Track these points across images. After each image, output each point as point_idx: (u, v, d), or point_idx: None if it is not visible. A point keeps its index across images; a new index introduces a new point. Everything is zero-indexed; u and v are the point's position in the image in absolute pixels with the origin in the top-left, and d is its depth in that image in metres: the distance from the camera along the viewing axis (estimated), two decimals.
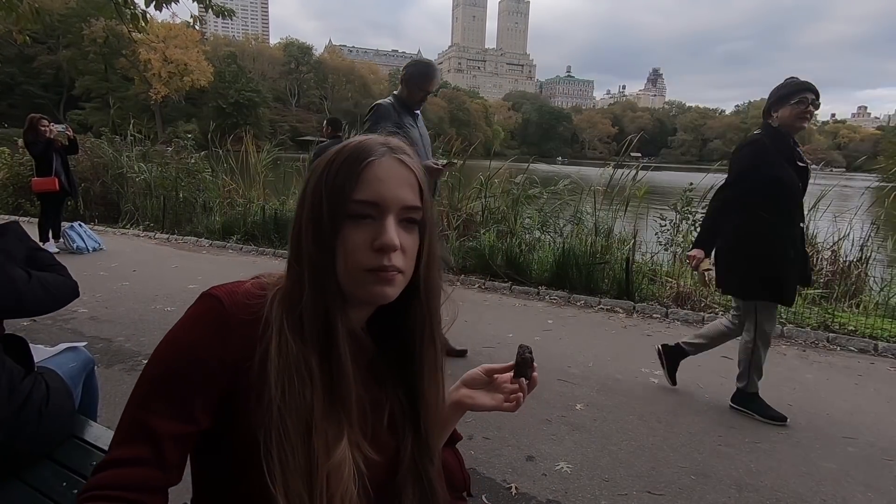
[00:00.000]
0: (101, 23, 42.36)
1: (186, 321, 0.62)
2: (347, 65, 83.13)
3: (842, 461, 2.27)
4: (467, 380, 0.82)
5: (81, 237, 5.94)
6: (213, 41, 66.89)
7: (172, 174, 8.00)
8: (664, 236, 5.37)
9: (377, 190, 0.61)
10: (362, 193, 0.61)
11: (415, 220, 0.64)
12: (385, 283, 0.62)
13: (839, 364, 3.43)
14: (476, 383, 0.81)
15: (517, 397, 0.78)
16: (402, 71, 3.11)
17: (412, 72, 3.03)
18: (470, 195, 6.40)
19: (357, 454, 0.61)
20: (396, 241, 0.60)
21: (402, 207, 0.62)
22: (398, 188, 0.62)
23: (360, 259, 0.60)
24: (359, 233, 0.61)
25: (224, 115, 51.72)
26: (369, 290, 0.62)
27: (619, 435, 2.43)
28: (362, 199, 0.61)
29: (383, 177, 0.62)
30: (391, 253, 0.60)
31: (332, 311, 0.61)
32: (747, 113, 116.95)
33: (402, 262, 0.62)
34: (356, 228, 0.61)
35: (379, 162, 0.62)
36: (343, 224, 0.61)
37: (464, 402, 0.80)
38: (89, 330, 3.49)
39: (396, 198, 0.62)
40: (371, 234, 0.61)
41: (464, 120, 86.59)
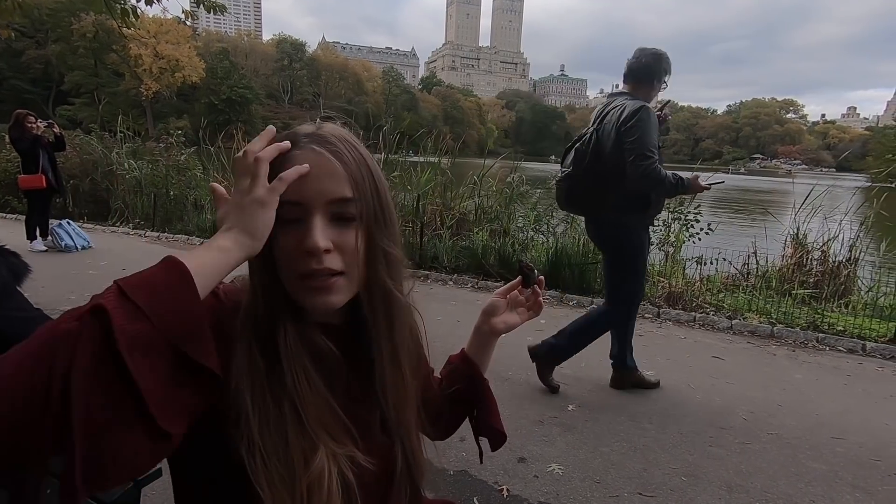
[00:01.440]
0: (90, 17, 41.88)
1: None
2: (341, 62, 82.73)
3: (831, 462, 2.29)
4: (489, 310, 0.89)
5: (70, 235, 5.87)
6: (204, 37, 66.28)
7: (163, 171, 7.91)
8: (655, 236, 5.40)
9: (297, 188, 0.56)
10: (284, 194, 0.55)
11: (349, 214, 0.58)
12: (322, 292, 0.57)
13: (828, 364, 3.46)
14: (499, 310, 0.88)
15: (538, 302, 0.87)
16: (640, 64, 2.65)
17: (665, 66, 2.65)
18: (463, 194, 6.38)
19: (343, 463, 0.59)
20: (320, 241, 0.55)
21: (329, 202, 0.57)
22: (321, 182, 0.57)
23: (293, 266, 0.57)
24: (286, 236, 0.57)
25: (216, 111, 51.42)
26: (306, 301, 0.58)
27: (611, 436, 2.44)
28: (284, 200, 0.56)
29: (304, 173, 0.56)
30: (321, 255, 0.56)
31: (285, 322, 0.58)
32: (739, 113, 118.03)
33: (339, 264, 0.58)
34: (284, 232, 0.56)
35: (298, 155, 0.57)
36: (275, 226, 0.56)
37: (498, 327, 0.87)
38: None
39: (319, 193, 0.57)
40: (298, 237, 0.56)
41: (457, 118, 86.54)
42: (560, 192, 2.77)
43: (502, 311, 0.88)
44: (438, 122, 70.67)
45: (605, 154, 2.53)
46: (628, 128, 2.44)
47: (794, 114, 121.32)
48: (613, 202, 2.57)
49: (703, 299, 4.56)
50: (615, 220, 2.61)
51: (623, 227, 2.61)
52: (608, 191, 2.55)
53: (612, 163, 2.50)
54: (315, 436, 0.58)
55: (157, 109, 52.13)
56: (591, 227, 2.81)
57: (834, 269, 4.80)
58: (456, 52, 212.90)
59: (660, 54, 2.65)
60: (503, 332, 0.88)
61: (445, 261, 5.43)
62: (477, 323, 0.91)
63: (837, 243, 4.89)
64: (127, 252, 6.02)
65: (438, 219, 5.99)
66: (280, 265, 0.58)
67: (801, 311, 4.26)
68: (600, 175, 2.55)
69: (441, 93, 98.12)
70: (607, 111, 2.60)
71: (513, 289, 0.88)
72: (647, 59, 2.63)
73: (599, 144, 2.56)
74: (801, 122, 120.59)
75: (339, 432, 0.60)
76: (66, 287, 4.38)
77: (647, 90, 2.65)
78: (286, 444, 0.56)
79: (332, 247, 0.57)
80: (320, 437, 0.58)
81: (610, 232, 2.66)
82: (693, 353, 3.57)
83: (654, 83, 2.65)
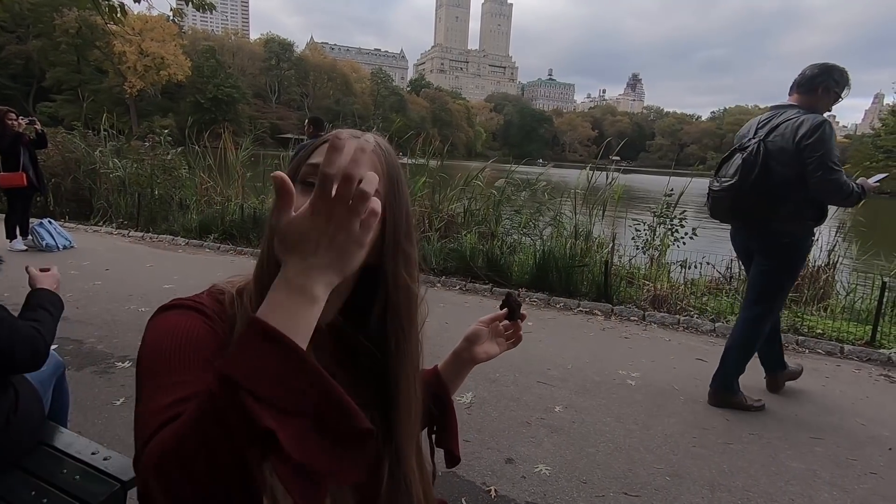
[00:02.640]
0: (73, 13, 41.13)
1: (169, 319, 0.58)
2: (329, 63, 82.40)
3: (809, 461, 2.35)
4: (472, 337, 0.91)
5: (51, 234, 5.76)
6: (191, 35, 65.47)
7: (148, 171, 7.80)
8: (641, 240, 5.47)
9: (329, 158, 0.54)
10: (315, 158, 0.62)
11: None
12: None
13: (808, 366, 3.53)
14: (482, 338, 0.91)
15: (518, 336, 0.90)
16: (814, 75, 2.64)
17: (837, 78, 2.63)
18: (451, 196, 6.41)
19: None
20: None
21: None
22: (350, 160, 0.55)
23: None
24: (302, 196, 0.55)
25: (202, 110, 50.79)
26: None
27: (597, 437, 2.47)
28: (312, 162, 0.62)
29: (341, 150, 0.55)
30: None
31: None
32: (723, 119, 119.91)
33: None
34: (302, 192, 0.58)
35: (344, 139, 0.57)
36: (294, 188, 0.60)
37: (479, 356, 0.90)
38: (59, 331, 3.35)
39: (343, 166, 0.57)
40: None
41: (446, 120, 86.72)
42: (721, 203, 2.74)
43: (484, 340, 0.91)
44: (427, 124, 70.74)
45: (777, 166, 2.55)
46: (811, 143, 2.46)
47: None
48: (787, 212, 2.59)
49: (688, 302, 4.64)
50: (786, 229, 2.63)
51: (794, 235, 2.65)
52: (779, 201, 2.58)
53: (784, 174, 2.53)
54: None
55: (142, 108, 51.33)
56: (751, 236, 2.78)
57: (813, 273, 4.91)
58: (445, 55, 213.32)
59: (829, 67, 2.68)
60: (482, 361, 0.91)
61: (433, 263, 5.45)
62: (457, 348, 0.93)
63: (816, 248, 5.00)
64: (109, 252, 5.93)
65: (427, 221, 6.01)
66: None
67: (782, 314, 4.34)
68: (769, 186, 2.57)
69: (430, 95, 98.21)
70: (776, 123, 2.62)
71: (497, 319, 0.91)
72: (814, 72, 2.66)
73: (770, 156, 2.57)
74: None
75: None
76: None
77: (814, 102, 2.66)
78: None
79: None
80: None
81: (780, 241, 2.66)
82: (677, 354, 3.62)
83: (821, 94, 2.66)
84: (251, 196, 7.50)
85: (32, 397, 1.32)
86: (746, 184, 2.61)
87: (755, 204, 2.62)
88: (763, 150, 2.58)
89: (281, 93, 73.67)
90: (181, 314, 0.58)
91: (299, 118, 40.99)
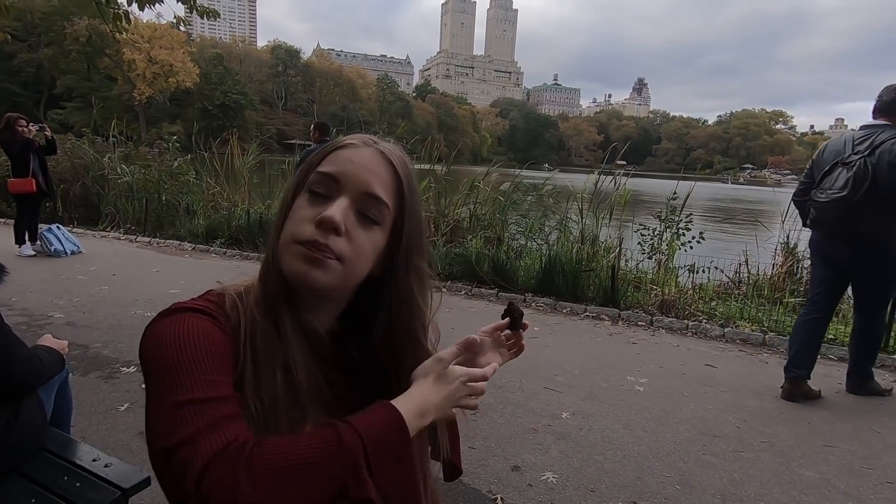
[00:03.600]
0: (83, 21, 41.67)
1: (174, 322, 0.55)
2: (335, 69, 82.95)
3: (823, 470, 2.30)
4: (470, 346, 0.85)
5: (59, 240, 5.80)
6: (199, 42, 66.17)
7: (155, 176, 7.86)
8: (647, 244, 5.42)
9: (342, 167, 0.59)
10: (327, 167, 0.60)
11: (373, 215, 0.60)
12: (312, 263, 0.57)
13: (820, 373, 3.46)
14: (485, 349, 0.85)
15: (520, 345, 0.84)
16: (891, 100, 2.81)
17: None
18: (457, 201, 6.39)
19: None
20: (339, 217, 0.56)
21: (363, 193, 0.59)
22: (365, 172, 0.59)
23: (297, 228, 0.58)
24: (309, 206, 0.59)
25: (209, 116, 51.19)
26: (294, 266, 0.57)
27: (605, 444, 2.43)
28: (324, 171, 0.59)
29: (354, 159, 0.60)
30: (330, 232, 0.56)
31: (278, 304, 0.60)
32: (729, 123, 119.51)
33: (344, 249, 0.57)
34: (308, 202, 0.59)
35: (357, 146, 0.61)
36: (300, 195, 0.60)
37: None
38: (64, 335, 3.34)
39: (359, 180, 0.59)
40: (318, 209, 0.58)
41: (451, 125, 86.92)
42: (828, 213, 2.88)
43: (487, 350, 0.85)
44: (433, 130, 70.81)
45: (884, 181, 2.69)
46: None
47: (783, 125, 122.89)
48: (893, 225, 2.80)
49: (696, 307, 4.58)
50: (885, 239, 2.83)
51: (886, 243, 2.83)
52: (887, 215, 2.76)
53: (888, 189, 2.69)
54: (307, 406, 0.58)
55: (150, 114, 51.80)
56: (855, 248, 2.90)
57: None
58: (450, 61, 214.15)
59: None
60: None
61: (439, 268, 5.43)
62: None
63: None
64: (117, 257, 5.96)
65: (433, 226, 5.99)
66: (287, 229, 0.59)
67: (792, 319, 4.28)
68: (877, 199, 2.72)
69: (435, 100, 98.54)
70: (879, 141, 2.75)
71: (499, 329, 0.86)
72: (891, 96, 2.83)
73: (876, 173, 2.71)
74: (791, 133, 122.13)
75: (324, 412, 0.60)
76: (55, 292, 4.33)
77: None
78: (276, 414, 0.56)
79: (345, 232, 0.57)
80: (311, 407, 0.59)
81: (888, 250, 2.84)
82: (686, 360, 3.58)
83: None
84: (257, 201, 7.52)
85: (34, 403, 1.31)
86: (857, 196, 2.74)
87: (866, 216, 2.78)
88: (870, 167, 2.72)
89: (288, 99, 74.15)
90: (192, 316, 0.56)
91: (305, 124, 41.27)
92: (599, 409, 2.80)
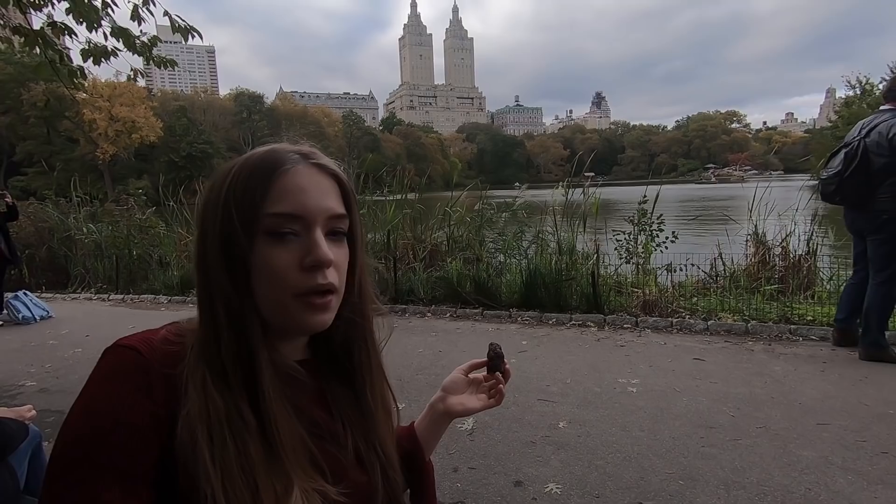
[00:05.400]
0: (41, 86, 41.25)
1: (98, 380, 0.51)
2: (300, 110, 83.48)
3: (820, 448, 2.32)
4: (449, 386, 0.82)
5: (27, 306, 5.59)
6: (160, 96, 66.02)
7: (124, 232, 7.70)
8: (623, 248, 5.51)
9: (299, 201, 0.54)
10: (280, 206, 0.53)
11: (342, 230, 0.59)
12: (321, 310, 0.55)
13: (804, 354, 3.54)
14: (458, 387, 0.82)
15: (499, 390, 0.80)
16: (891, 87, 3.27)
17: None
18: (433, 226, 6.42)
19: (315, 501, 0.54)
20: (330, 254, 0.54)
21: (329, 217, 0.56)
22: (321, 197, 0.56)
23: (288, 282, 0.53)
24: (282, 252, 0.53)
25: (176, 168, 50.66)
26: (302, 320, 0.55)
27: (605, 448, 2.41)
28: (281, 212, 0.53)
29: (304, 185, 0.55)
30: (325, 270, 0.55)
31: (256, 349, 0.53)
32: (687, 127, 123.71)
33: (336, 280, 0.56)
34: (278, 247, 0.53)
35: (294, 170, 0.55)
36: (257, 242, 0.53)
37: (454, 409, 0.80)
38: (38, 403, 3.22)
39: (321, 207, 0.55)
40: (299, 252, 0.54)
41: (420, 154, 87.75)
42: (828, 187, 3.41)
43: (462, 389, 0.81)
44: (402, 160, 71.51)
45: (876, 157, 3.13)
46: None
47: (738, 123, 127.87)
48: (884, 194, 3.15)
49: (678, 304, 4.65)
50: (884, 207, 3.16)
51: (892, 211, 3.14)
52: (877, 185, 3.16)
53: (880, 164, 3.12)
54: (291, 472, 0.53)
55: (116, 171, 51.06)
56: (855, 216, 3.37)
57: (795, 262, 4.98)
58: (413, 92, 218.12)
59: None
60: (459, 416, 0.81)
61: (422, 293, 5.40)
62: (433, 399, 0.83)
63: (795, 238, 5.10)
64: (89, 318, 5.76)
65: (410, 252, 5.99)
66: (268, 283, 0.53)
67: (771, 306, 4.38)
68: (868, 174, 3.17)
69: (402, 132, 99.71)
70: (875, 124, 3.20)
71: (477, 367, 0.82)
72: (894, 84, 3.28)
73: (867, 150, 3.17)
74: (746, 131, 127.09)
75: (310, 467, 0.56)
76: (25, 360, 4.15)
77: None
78: (255, 489, 0.50)
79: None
80: (295, 472, 0.53)
81: (881, 217, 3.19)
82: (674, 357, 3.60)
83: None
84: None
85: (5, 472, 1.24)
86: (847, 171, 3.24)
87: (856, 188, 3.23)
88: (862, 146, 3.19)
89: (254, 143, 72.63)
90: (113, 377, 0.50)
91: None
92: (595, 414, 2.78)
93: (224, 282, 0.53)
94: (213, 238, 0.53)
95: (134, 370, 0.51)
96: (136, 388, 0.50)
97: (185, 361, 0.52)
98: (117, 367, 0.51)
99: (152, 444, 0.49)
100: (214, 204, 0.54)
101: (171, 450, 0.49)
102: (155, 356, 0.52)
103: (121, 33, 3.43)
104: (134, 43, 3.52)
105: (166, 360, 0.52)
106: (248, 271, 0.53)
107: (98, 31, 3.34)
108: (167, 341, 0.54)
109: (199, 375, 0.51)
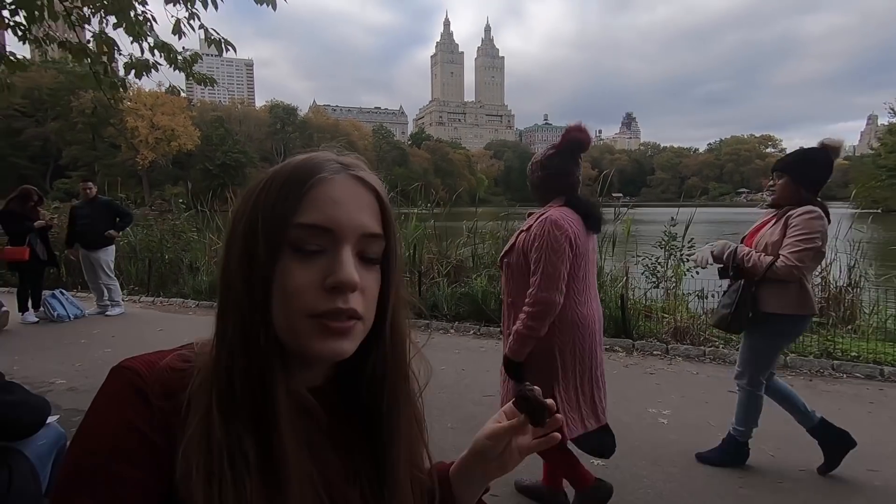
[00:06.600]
0: (89, 94, 43.39)
1: (97, 407, 0.48)
2: (332, 123, 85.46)
3: (870, 496, 2.16)
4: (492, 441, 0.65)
5: (62, 304, 5.77)
6: (199, 107, 68.59)
7: (157, 236, 7.91)
8: (651, 272, 5.36)
9: (330, 213, 0.48)
10: (309, 216, 0.48)
11: (376, 255, 0.52)
12: (339, 336, 0.48)
13: (848, 392, 3.34)
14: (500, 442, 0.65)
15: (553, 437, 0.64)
16: None
17: None
18: (458, 242, 6.39)
19: None
20: (356, 276, 0.48)
21: (362, 236, 0.50)
22: (356, 211, 0.50)
23: (306, 302, 0.47)
24: (304, 269, 0.47)
25: (211, 176, 52.47)
26: (317, 345, 0.48)
27: (634, 483, 2.30)
28: (310, 224, 0.48)
29: (338, 197, 0.49)
30: (349, 293, 0.48)
31: (271, 376, 0.48)
32: (720, 150, 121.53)
33: (361, 307, 0.49)
34: (300, 263, 0.48)
35: (331, 179, 0.50)
36: (281, 256, 0.47)
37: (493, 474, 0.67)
38: (67, 402, 3.30)
39: (354, 223, 0.49)
40: (322, 270, 0.48)
41: (447, 170, 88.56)
42: None
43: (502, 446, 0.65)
44: (429, 175, 72.18)
45: None
46: None
47: (773, 148, 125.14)
48: None
49: (711, 332, 4.47)
50: None
51: None
52: None
53: None
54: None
55: (154, 178, 53.06)
56: None
57: (836, 294, 4.76)
58: (442, 108, 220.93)
59: None
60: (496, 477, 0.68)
61: (445, 308, 5.35)
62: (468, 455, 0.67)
63: (836, 268, 4.87)
64: (120, 319, 5.90)
65: (435, 267, 5.96)
66: (285, 300, 0.48)
67: (811, 338, 4.17)
68: None
69: (430, 147, 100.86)
70: None
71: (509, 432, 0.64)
72: None
73: None
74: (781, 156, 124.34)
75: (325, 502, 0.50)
76: (57, 358, 4.25)
77: None
78: None
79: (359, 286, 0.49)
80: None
81: None
82: (707, 388, 3.45)
83: None
84: None
85: (28, 475, 1.23)
86: None
87: None
88: None
89: (286, 155, 74.21)
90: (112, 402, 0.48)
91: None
92: (624, 446, 2.65)
93: (242, 297, 0.48)
94: (238, 249, 0.49)
95: (132, 394, 0.47)
96: (135, 413, 0.47)
97: (188, 387, 0.48)
98: (117, 391, 0.48)
99: (149, 473, 0.46)
100: (243, 212, 0.50)
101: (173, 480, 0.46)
102: (155, 380, 0.49)
103: (163, 48, 3.54)
104: (175, 58, 3.62)
105: (168, 386, 0.48)
106: (269, 286, 0.48)
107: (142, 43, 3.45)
108: (171, 367, 0.50)
109: (204, 402, 0.47)
